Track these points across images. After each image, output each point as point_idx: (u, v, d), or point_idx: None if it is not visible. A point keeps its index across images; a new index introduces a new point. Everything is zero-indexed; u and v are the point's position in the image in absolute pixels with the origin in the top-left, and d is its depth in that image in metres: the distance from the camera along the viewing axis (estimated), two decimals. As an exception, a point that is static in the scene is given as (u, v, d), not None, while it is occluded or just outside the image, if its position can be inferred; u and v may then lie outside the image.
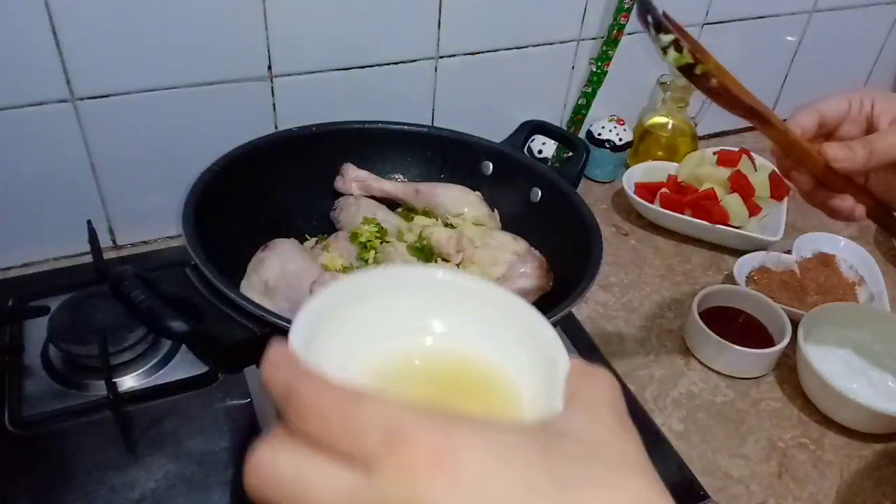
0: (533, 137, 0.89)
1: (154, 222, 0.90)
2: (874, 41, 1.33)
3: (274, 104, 0.87)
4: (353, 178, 0.80)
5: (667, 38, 0.47)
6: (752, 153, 1.04)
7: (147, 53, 0.77)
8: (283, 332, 0.56)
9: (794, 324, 0.79)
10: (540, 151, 1.05)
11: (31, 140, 0.78)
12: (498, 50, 0.97)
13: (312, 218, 0.81)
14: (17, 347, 0.73)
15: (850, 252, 0.95)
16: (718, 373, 0.80)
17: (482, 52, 0.96)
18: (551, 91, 1.07)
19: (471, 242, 0.73)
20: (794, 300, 0.87)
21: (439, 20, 0.91)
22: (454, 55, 0.94)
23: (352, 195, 0.81)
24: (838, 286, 0.90)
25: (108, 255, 0.86)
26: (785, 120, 0.55)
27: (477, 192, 0.81)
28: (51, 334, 0.72)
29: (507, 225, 0.80)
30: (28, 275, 0.84)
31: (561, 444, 0.24)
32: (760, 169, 1.03)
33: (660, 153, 1.11)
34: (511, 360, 0.30)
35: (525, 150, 0.84)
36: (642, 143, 1.12)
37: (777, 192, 1.01)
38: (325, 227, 0.81)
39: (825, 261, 0.93)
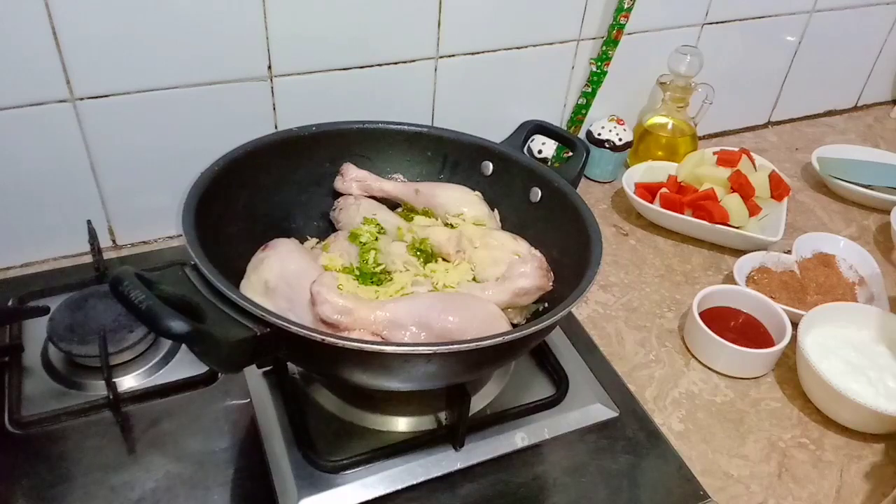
0: (533, 137, 0.89)
1: (154, 222, 0.90)
2: (874, 41, 1.33)
3: (274, 104, 0.87)
4: (353, 178, 0.80)
5: None
6: (752, 153, 1.04)
7: (147, 53, 0.77)
8: (283, 333, 0.56)
9: (794, 324, 0.79)
10: (540, 151, 1.05)
11: (31, 140, 0.78)
12: (498, 50, 0.97)
13: (312, 218, 0.81)
14: (17, 347, 0.73)
15: (850, 252, 0.95)
16: (718, 373, 0.80)
17: (482, 52, 0.96)
18: (551, 91, 1.07)
19: (471, 242, 0.73)
20: (794, 300, 0.87)
21: (439, 20, 0.91)
22: (454, 55, 0.95)
23: (352, 195, 0.81)
24: (838, 286, 0.90)
25: (108, 255, 0.86)
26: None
27: (477, 192, 0.81)
28: (51, 334, 0.72)
29: (507, 225, 0.80)
30: (28, 275, 0.84)
31: None
32: (760, 169, 1.03)
33: (660, 153, 1.11)
34: None
35: (525, 150, 0.84)
36: (642, 143, 1.12)
37: (777, 192, 1.01)
38: (325, 227, 0.81)
39: (825, 261, 0.93)
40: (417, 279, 0.69)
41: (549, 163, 1.04)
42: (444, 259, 0.75)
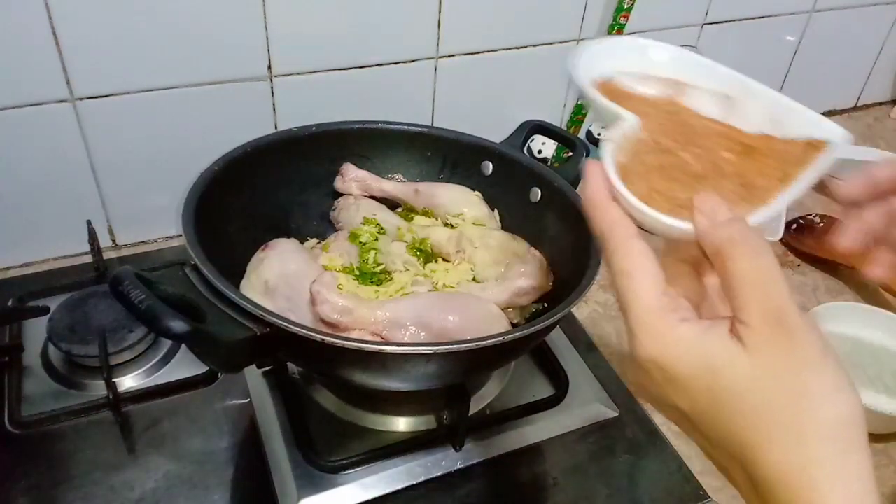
0: (533, 137, 0.89)
1: (154, 222, 0.90)
2: (874, 41, 1.33)
3: (274, 104, 0.87)
4: (353, 178, 0.80)
5: None
6: (751, 153, 1.04)
7: (147, 53, 0.77)
8: (283, 333, 0.56)
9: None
10: (540, 151, 1.05)
11: (31, 140, 0.78)
12: (498, 50, 0.97)
13: (312, 218, 0.81)
14: (17, 347, 0.73)
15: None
16: (718, 373, 0.80)
17: (482, 52, 0.96)
18: (551, 91, 1.07)
19: (470, 242, 0.73)
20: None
21: (439, 20, 0.91)
22: (454, 55, 0.94)
23: (352, 195, 0.81)
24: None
25: (108, 255, 0.86)
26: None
27: (477, 192, 0.81)
28: (51, 334, 0.72)
29: (507, 225, 0.80)
30: (28, 275, 0.84)
31: None
32: (760, 169, 1.03)
33: (660, 153, 1.11)
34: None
35: (525, 150, 0.84)
36: (642, 143, 1.12)
37: (777, 192, 1.01)
38: (325, 227, 0.81)
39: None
40: (417, 279, 0.69)
41: (549, 163, 1.04)
42: (444, 259, 0.75)
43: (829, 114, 1.38)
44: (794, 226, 1.02)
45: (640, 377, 0.37)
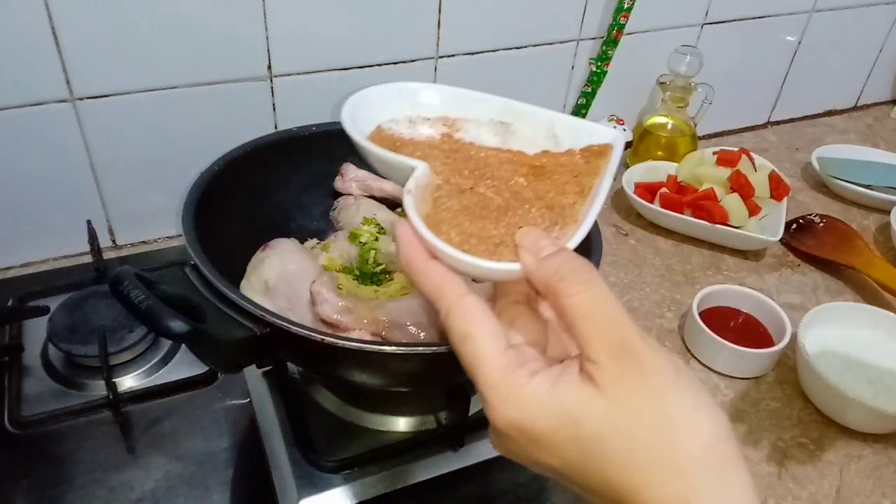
0: (533, 137, 0.89)
1: (154, 222, 0.90)
2: (874, 41, 1.33)
3: (274, 104, 0.87)
4: (353, 178, 0.80)
5: None
6: (751, 153, 1.04)
7: (147, 53, 0.77)
8: (284, 333, 0.56)
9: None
10: (540, 151, 1.05)
11: (31, 140, 0.78)
12: (498, 50, 0.97)
13: (312, 218, 0.81)
14: (16, 347, 0.73)
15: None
16: (718, 373, 0.80)
17: (482, 52, 0.96)
18: (551, 91, 1.07)
19: (471, 242, 0.73)
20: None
21: (439, 20, 0.91)
22: (454, 55, 0.94)
23: (351, 195, 0.81)
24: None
25: (107, 255, 0.86)
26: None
27: (477, 192, 0.80)
28: (50, 334, 0.72)
29: (507, 225, 0.79)
30: (28, 275, 0.84)
31: None
32: (760, 169, 1.03)
33: (659, 153, 1.11)
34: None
35: (525, 150, 0.84)
36: (642, 143, 1.12)
37: (777, 191, 1.01)
38: (325, 227, 0.81)
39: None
40: (417, 279, 0.69)
41: (549, 163, 1.04)
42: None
43: (829, 114, 1.38)
44: (794, 226, 1.03)
45: (504, 443, 0.34)
